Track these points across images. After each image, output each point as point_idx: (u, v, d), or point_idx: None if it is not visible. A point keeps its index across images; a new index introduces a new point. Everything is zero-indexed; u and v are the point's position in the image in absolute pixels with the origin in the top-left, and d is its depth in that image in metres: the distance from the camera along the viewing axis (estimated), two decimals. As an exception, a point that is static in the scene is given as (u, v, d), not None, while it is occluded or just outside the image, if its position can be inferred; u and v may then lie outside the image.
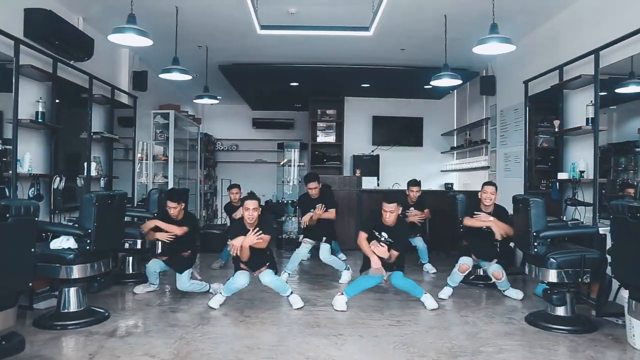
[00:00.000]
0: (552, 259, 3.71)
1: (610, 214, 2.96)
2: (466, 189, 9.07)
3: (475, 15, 5.30)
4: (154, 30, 5.58)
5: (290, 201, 8.25)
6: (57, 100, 5.07)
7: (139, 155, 7.62)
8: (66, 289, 3.82)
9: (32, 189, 4.56)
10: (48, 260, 3.64)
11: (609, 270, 3.53)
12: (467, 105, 8.82)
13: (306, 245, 5.51)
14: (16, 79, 4.28)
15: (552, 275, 3.72)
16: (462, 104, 9.18)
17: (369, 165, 9.35)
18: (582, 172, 4.69)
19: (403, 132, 9.93)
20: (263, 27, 5.00)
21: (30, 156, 4.56)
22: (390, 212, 4.38)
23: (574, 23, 5.14)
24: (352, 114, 9.86)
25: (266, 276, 4.35)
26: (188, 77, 5.61)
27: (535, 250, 3.74)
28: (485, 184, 5.01)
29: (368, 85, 8.83)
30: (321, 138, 9.89)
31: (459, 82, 5.84)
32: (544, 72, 5.45)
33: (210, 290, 4.78)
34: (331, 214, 5.49)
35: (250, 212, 4.24)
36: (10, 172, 4.26)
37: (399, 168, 9.55)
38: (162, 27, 5.57)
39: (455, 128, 9.38)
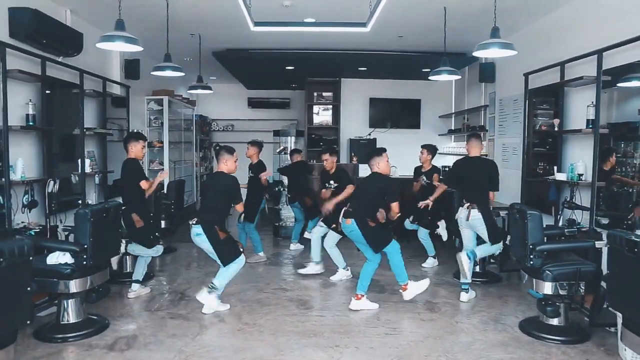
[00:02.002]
0: (547, 272, 3.73)
1: (608, 242, 2.96)
2: (463, 172, 9.05)
3: (476, 5, 5.14)
4: (144, 20, 5.46)
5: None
6: (47, 100, 4.96)
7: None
8: (65, 301, 3.83)
9: (26, 196, 4.52)
10: (46, 275, 3.63)
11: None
12: (465, 89, 8.69)
13: (319, 230, 5.64)
14: (4, 84, 4.18)
15: (547, 288, 3.74)
16: (460, 87, 9.04)
17: (366, 149, 9.25)
18: (580, 175, 4.66)
19: (400, 114, 9.81)
20: (257, 24, 4.85)
21: (23, 162, 4.48)
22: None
23: (577, 18, 5.00)
24: (349, 95, 9.72)
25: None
26: (181, 74, 5.49)
27: (531, 262, 3.75)
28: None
29: (365, 68, 8.67)
30: (317, 119, 9.77)
31: (458, 77, 5.73)
32: (545, 67, 5.34)
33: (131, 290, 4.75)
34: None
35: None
36: (3, 179, 4.22)
37: (396, 150, 9.38)
38: (152, 16, 5.40)
39: (453, 112, 9.27)
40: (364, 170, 7.67)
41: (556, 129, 5.15)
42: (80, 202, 5.55)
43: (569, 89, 5.15)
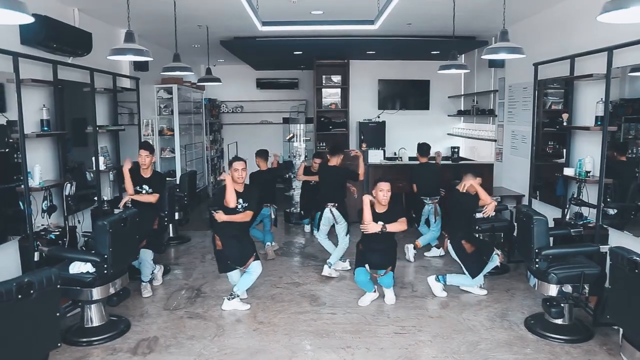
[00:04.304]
0: (552, 274, 3.83)
1: (610, 259, 3.03)
2: (472, 153, 9.08)
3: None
4: (152, 13, 5.46)
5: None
6: (60, 103, 5.03)
7: (145, 132, 7.69)
8: (88, 306, 4.02)
9: (45, 201, 4.66)
10: (69, 284, 3.80)
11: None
12: (475, 72, 8.59)
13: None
14: (18, 95, 4.25)
15: (552, 290, 3.86)
16: (470, 70, 8.94)
17: (376, 132, 9.28)
18: (588, 172, 4.69)
19: (409, 95, 9.78)
20: (265, 24, 4.84)
21: (40, 168, 4.60)
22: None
23: (589, 10, 4.89)
24: (358, 77, 9.66)
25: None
26: (190, 73, 5.52)
27: (537, 266, 3.85)
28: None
29: (373, 52, 8.60)
30: (326, 101, 9.75)
31: (467, 71, 5.70)
32: (555, 59, 5.29)
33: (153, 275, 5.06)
34: None
35: (239, 172, 4.48)
36: (23, 186, 4.36)
37: (406, 132, 9.51)
38: (160, 10, 5.39)
39: (462, 93, 9.21)
40: (372, 157, 7.78)
41: (565, 123, 5.15)
42: (95, 198, 5.73)
43: (578, 83, 5.11)
